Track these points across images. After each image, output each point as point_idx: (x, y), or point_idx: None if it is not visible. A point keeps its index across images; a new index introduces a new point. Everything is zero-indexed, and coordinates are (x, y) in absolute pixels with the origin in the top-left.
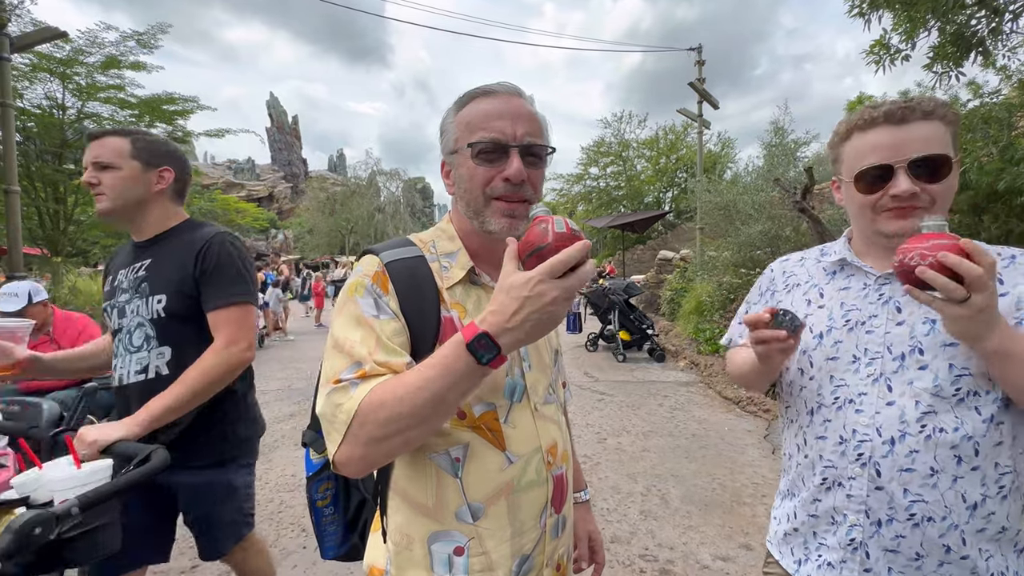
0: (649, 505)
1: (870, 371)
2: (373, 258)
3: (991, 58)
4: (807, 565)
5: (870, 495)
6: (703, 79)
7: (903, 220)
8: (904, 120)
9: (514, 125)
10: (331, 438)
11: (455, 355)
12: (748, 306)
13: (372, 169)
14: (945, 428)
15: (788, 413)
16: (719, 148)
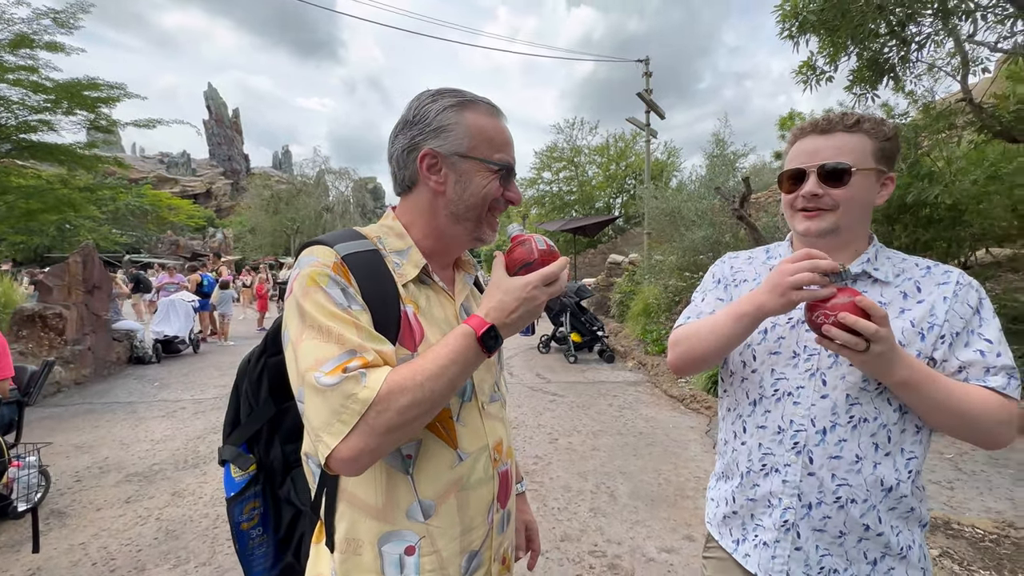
0: (598, 502)
1: (808, 366)
2: (327, 249)
3: (901, 83)
4: (744, 545)
5: (803, 480)
6: (651, 90)
7: (810, 221)
8: (828, 131)
9: (514, 153)
10: (332, 431)
11: (466, 344)
12: (704, 293)
13: (320, 167)
14: (867, 418)
15: (728, 402)
16: (665, 157)
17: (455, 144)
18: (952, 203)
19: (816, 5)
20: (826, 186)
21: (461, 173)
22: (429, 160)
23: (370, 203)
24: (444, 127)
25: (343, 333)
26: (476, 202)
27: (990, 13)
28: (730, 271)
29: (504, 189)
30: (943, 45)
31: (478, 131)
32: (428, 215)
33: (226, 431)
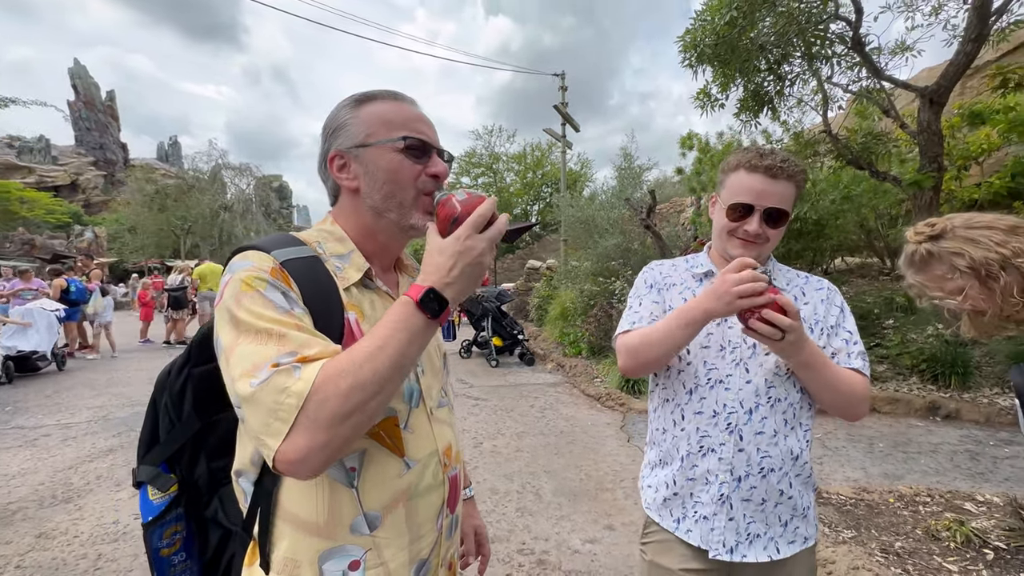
0: (524, 502)
1: (734, 357)
2: (262, 254)
3: (777, 113)
4: (686, 522)
5: (734, 456)
6: (566, 103)
7: (745, 249)
8: (776, 176)
9: (429, 130)
10: (272, 431)
11: (406, 313)
12: (640, 299)
13: (217, 162)
14: (780, 398)
15: (663, 394)
16: (579, 167)
17: (354, 137)
18: (817, 219)
19: (711, 40)
20: (766, 226)
21: (367, 163)
22: (337, 162)
23: (275, 203)
24: (342, 125)
25: (284, 335)
26: (391, 188)
27: (843, 60)
28: (660, 277)
29: (424, 166)
30: (808, 83)
31: (375, 118)
32: (355, 216)
33: (141, 451)
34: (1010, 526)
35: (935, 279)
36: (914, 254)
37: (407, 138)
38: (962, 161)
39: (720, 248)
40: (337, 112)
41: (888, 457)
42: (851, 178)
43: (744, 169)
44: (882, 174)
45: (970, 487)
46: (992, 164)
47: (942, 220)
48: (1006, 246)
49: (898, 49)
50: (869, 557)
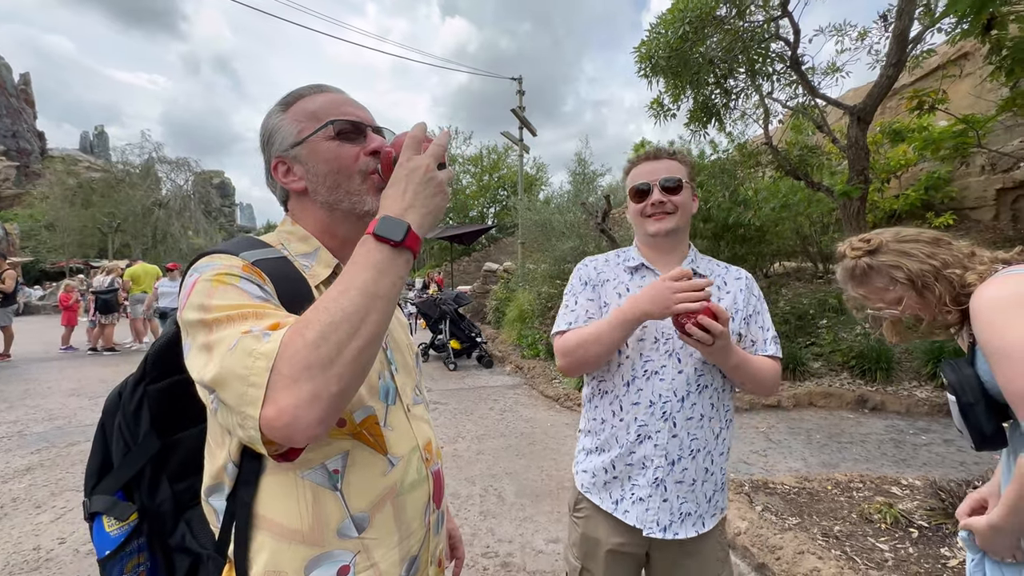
0: (487, 505)
1: (667, 348)
2: (230, 256)
3: (723, 125)
4: (623, 503)
5: (669, 442)
6: (523, 107)
7: (659, 223)
8: (657, 157)
9: (360, 111)
10: (249, 400)
11: (366, 249)
12: (575, 296)
13: (150, 155)
14: (707, 384)
15: (602, 387)
16: (535, 171)
17: (288, 138)
18: (760, 225)
19: (665, 52)
20: (666, 194)
21: (305, 160)
22: (280, 168)
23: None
24: (275, 130)
25: (262, 313)
26: (334, 178)
27: (782, 77)
28: (595, 273)
29: (361, 147)
30: (751, 98)
31: (302, 114)
32: (311, 217)
33: (91, 480)
34: (930, 506)
35: (875, 291)
36: (855, 268)
37: (335, 122)
38: (884, 175)
39: (641, 234)
40: (267, 120)
41: (825, 447)
42: (789, 188)
43: (634, 166)
44: (816, 184)
45: (895, 472)
46: (908, 178)
47: (874, 235)
48: (935, 258)
49: (829, 70)
50: (812, 542)
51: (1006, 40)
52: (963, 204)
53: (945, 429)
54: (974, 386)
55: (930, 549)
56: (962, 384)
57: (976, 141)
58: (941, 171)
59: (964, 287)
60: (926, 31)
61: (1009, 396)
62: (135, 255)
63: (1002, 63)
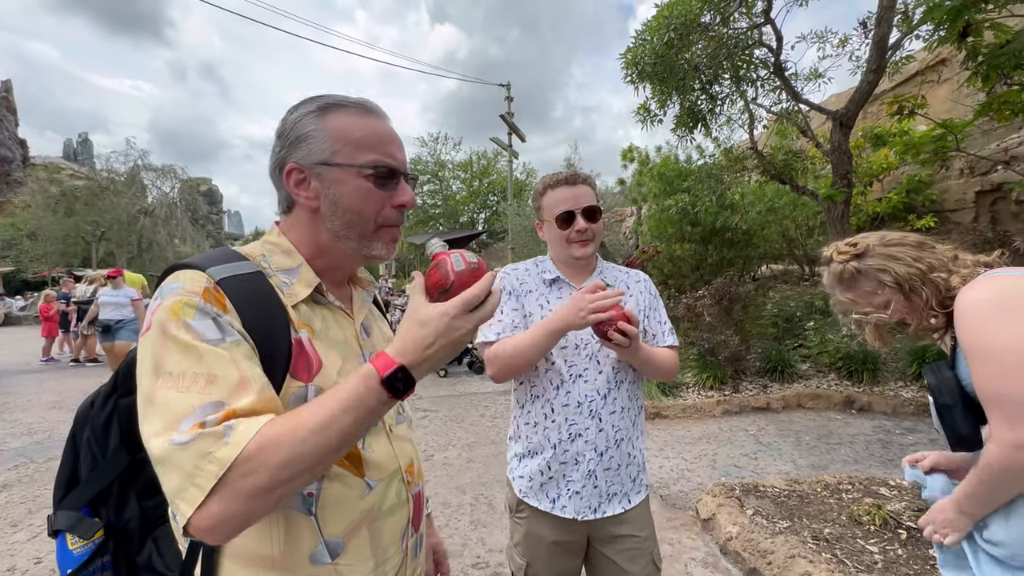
0: (478, 514)
1: (587, 352)
2: (196, 273)
3: (709, 130)
4: (560, 499)
5: (597, 436)
6: (512, 113)
7: (584, 248)
8: (574, 183)
9: (400, 152)
10: (186, 498)
11: (367, 388)
12: (500, 307)
13: (136, 162)
14: (623, 380)
15: (532, 391)
16: (525, 177)
17: (317, 153)
18: (746, 229)
19: (651, 59)
20: (588, 222)
21: (330, 184)
22: (296, 175)
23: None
24: (304, 136)
25: (212, 377)
26: (354, 217)
27: (766, 83)
28: (518, 283)
29: (390, 195)
30: (736, 103)
31: (341, 134)
32: (311, 233)
33: (59, 493)
34: (918, 507)
35: (863, 295)
36: (842, 273)
37: (378, 167)
38: (867, 178)
39: (562, 256)
40: (299, 119)
41: (814, 449)
42: (774, 192)
43: (550, 189)
44: (801, 188)
45: (883, 473)
46: (890, 181)
47: (860, 239)
48: (921, 261)
49: (812, 76)
50: (803, 545)
51: (982, 46)
52: (943, 207)
53: (930, 429)
54: (951, 388)
55: (919, 550)
56: (940, 386)
57: (955, 145)
58: (922, 174)
59: (949, 290)
60: (905, 38)
61: (982, 396)
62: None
63: (978, 69)
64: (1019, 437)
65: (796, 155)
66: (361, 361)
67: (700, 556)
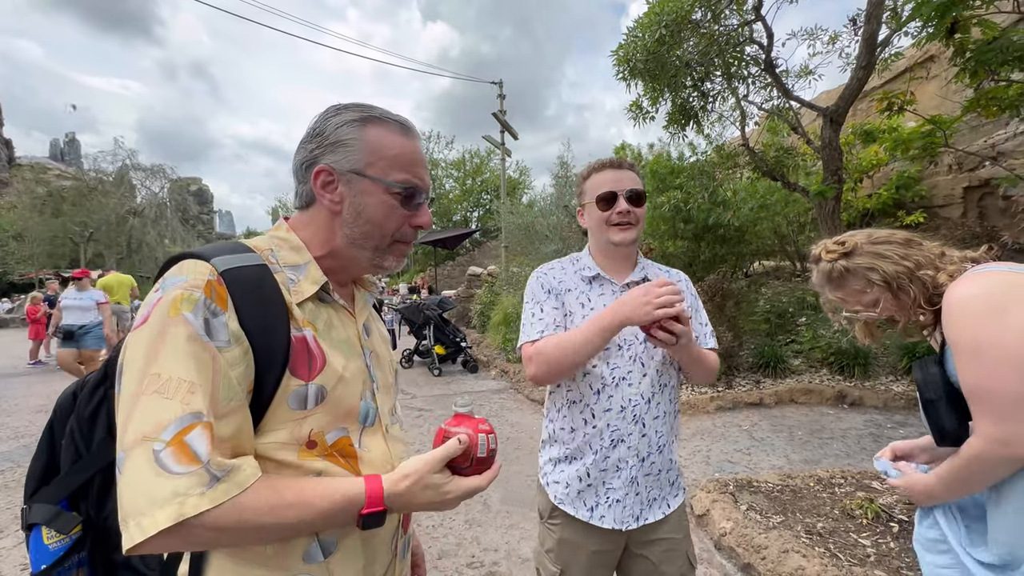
0: (473, 513)
1: (630, 354)
2: (201, 264)
3: (701, 127)
4: (599, 508)
5: (639, 442)
6: (505, 111)
7: (624, 233)
8: (620, 167)
9: (427, 175)
10: (142, 524)
11: (343, 507)
12: (540, 304)
13: (124, 162)
14: (667, 383)
15: (570, 396)
16: (518, 175)
17: (352, 161)
18: (739, 225)
19: (642, 55)
20: (631, 205)
21: (357, 193)
22: (324, 177)
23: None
24: (342, 142)
25: (193, 386)
26: (373, 229)
27: (757, 80)
28: (556, 282)
29: (411, 214)
30: (728, 100)
31: (378, 148)
32: (325, 234)
33: (31, 485)
34: (909, 500)
35: (852, 294)
36: (831, 271)
37: (407, 187)
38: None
39: (600, 242)
40: (339, 123)
41: (807, 444)
42: (766, 188)
43: (595, 172)
44: (792, 185)
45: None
46: (880, 177)
47: (847, 238)
48: (909, 259)
49: (803, 72)
50: (796, 540)
51: (969, 43)
52: (932, 202)
53: (921, 423)
54: (936, 383)
55: (910, 543)
56: (925, 381)
57: (943, 141)
58: (911, 170)
59: (937, 287)
60: (894, 35)
61: (967, 391)
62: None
63: (966, 65)
64: (1003, 433)
65: (787, 152)
66: (363, 361)
67: (695, 551)
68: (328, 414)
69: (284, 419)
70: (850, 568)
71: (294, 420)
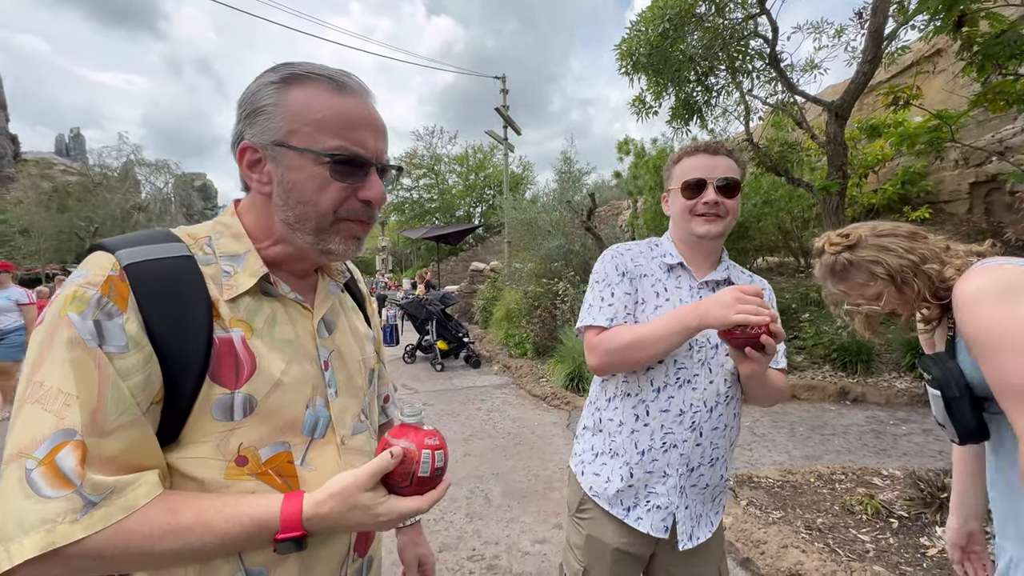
0: (474, 506)
1: (700, 357)
2: (104, 257)
3: (705, 122)
4: (636, 510)
5: (692, 450)
6: (508, 106)
7: (709, 225)
8: (716, 152)
9: (376, 139)
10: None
11: (252, 531)
12: (611, 287)
13: (128, 157)
14: (732, 396)
15: (625, 388)
16: (521, 170)
17: (272, 131)
18: (742, 221)
19: (645, 50)
20: (721, 196)
21: (285, 169)
22: (249, 155)
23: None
24: (261, 110)
25: (70, 399)
26: (307, 209)
27: (762, 74)
28: (632, 264)
29: (355, 187)
30: (732, 95)
31: (302, 111)
32: (265, 220)
33: None
34: (910, 496)
35: (855, 287)
36: (834, 264)
37: (338, 155)
38: (862, 170)
39: (683, 232)
40: (258, 89)
41: (808, 440)
42: (770, 184)
43: (687, 156)
44: (796, 180)
45: (876, 463)
46: (886, 172)
47: (851, 230)
48: (914, 252)
49: (808, 67)
50: (796, 535)
51: (977, 36)
52: (938, 198)
53: (923, 419)
54: (958, 380)
55: (910, 539)
56: (946, 378)
57: (950, 136)
58: (917, 165)
59: (943, 281)
60: (900, 28)
61: (995, 387)
62: None
63: (973, 59)
64: None
65: (792, 147)
66: (316, 363)
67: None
68: (262, 426)
69: (207, 431)
70: (849, 563)
71: (219, 432)
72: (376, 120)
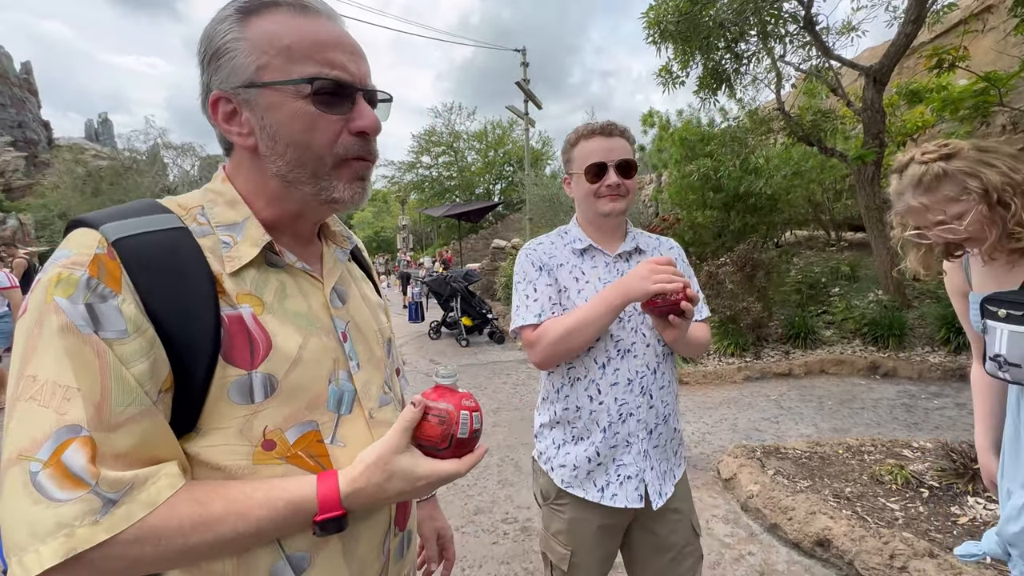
0: (505, 474)
1: (631, 325)
2: (88, 234)
3: (734, 91)
4: (610, 487)
5: (647, 414)
6: (528, 80)
7: (614, 203)
8: (611, 135)
9: (355, 61)
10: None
11: (288, 516)
12: (533, 284)
13: (156, 141)
14: (668, 353)
15: (572, 374)
16: (541, 145)
17: (241, 71)
18: (771, 194)
19: (674, 17)
20: (621, 177)
21: (263, 112)
22: (223, 106)
23: None
24: (222, 50)
25: (69, 392)
26: (300, 152)
27: (795, 39)
28: (547, 257)
29: (344, 118)
30: (763, 62)
31: (267, 41)
32: (257, 179)
33: None
34: (941, 467)
35: (941, 200)
36: (925, 174)
37: (317, 79)
38: (901, 138)
39: (589, 213)
40: (214, 28)
41: (836, 413)
42: (801, 154)
43: (583, 139)
44: (829, 150)
45: (907, 435)
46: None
47: (951, 141)
48: (1018, 172)
49: (844, 29)
50: (824, 503)
51: None
52: None
53: (957, 393)
54: None
55: (940, 508)
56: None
57: (998, 99)
58: (960, 132)
59: None
60: None
61: None
62: None
63: None
64: None
65: (825, 115)
66: (333, 335)
67: (721, 513)
68: (285, 406)
69: (227, 416)
70: (878, 529)
71: (240, 417)
72: (349, 40)
